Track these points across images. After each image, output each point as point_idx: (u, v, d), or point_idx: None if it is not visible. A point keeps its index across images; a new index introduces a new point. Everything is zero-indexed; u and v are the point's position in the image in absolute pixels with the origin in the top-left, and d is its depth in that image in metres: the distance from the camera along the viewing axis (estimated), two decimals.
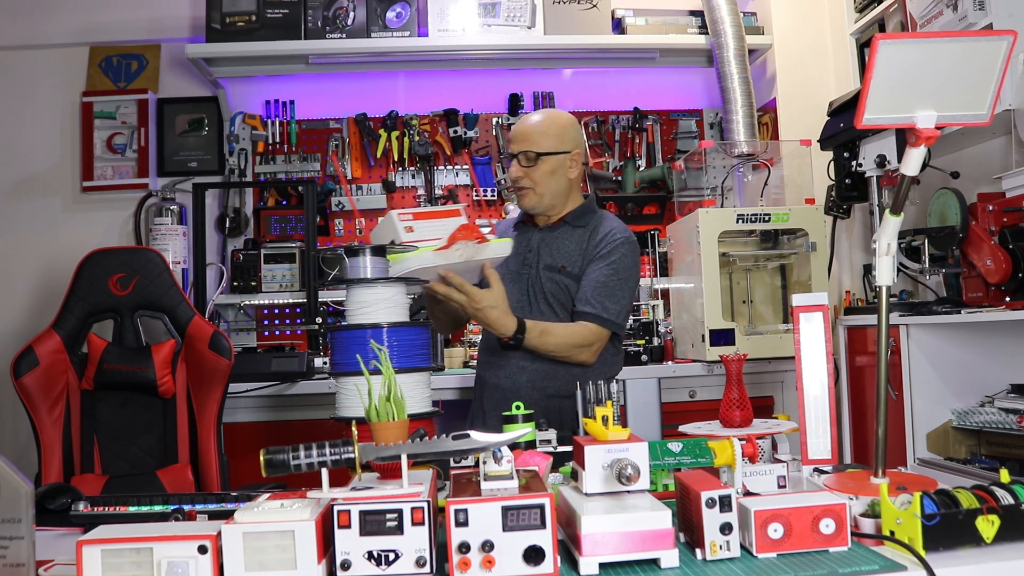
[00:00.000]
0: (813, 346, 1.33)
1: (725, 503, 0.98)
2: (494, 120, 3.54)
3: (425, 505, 0.92)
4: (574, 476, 1.14)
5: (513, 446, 1.11)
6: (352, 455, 1.04)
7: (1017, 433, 2.08)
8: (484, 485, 0.99)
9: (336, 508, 0.92)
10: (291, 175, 3.47)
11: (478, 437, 1.06)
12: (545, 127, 2.09)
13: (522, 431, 1.22)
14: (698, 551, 0.99)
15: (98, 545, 0.90)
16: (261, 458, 1.03)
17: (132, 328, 2.21)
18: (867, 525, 1.03)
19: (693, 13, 3.36)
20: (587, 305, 2.01)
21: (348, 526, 0.92)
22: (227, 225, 3.40)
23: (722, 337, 2.75)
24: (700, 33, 3.33)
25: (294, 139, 3.48)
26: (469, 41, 3.23)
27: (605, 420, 1.06)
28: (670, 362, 2.93)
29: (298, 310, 3.32)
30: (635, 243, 2.10)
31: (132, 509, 1.29)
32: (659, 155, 3.58)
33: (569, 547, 1.01)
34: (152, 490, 2.03)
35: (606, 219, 2.15)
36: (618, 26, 3.34)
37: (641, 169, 3.54)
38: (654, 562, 0.96)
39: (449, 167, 3.52)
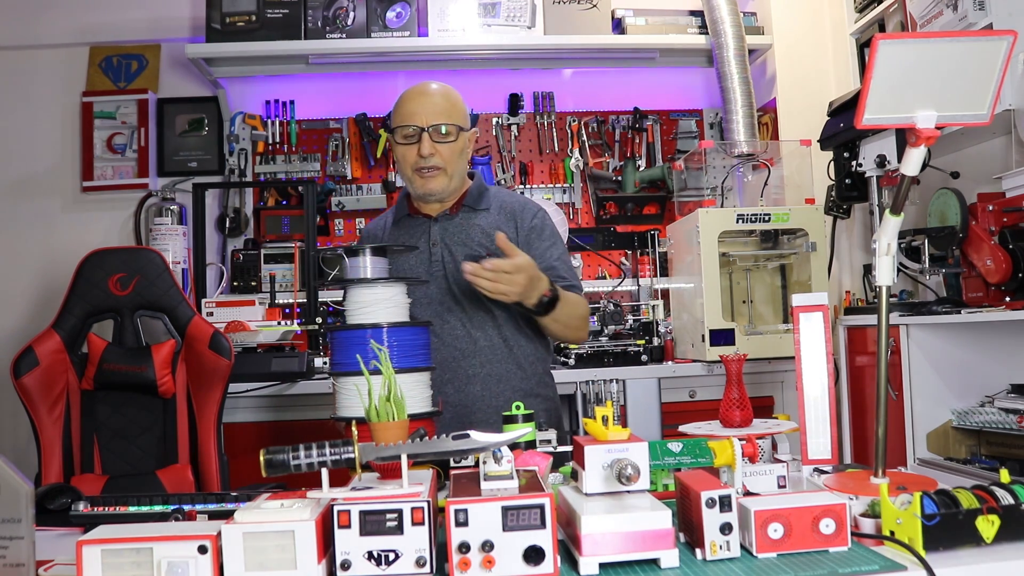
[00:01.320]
0: (813, 346, 1.33)
1: (725, 503, 0.98)
2: (494, 120, 3.54)
3: (425, 505, 0.92)
4: (574, 476, 1.14)
5: (513, 446, 1.11)
6: (352, 455, 1.04)
7: (1017, 433, 2.08)
8: (484, 485, 0.99)
9: (336, 508, 0.92)
10: (291, 175, 3.47)
11: (478, 437, 1.06)
12: (454, 100, 1.90)
13: (522, 431, 1.22)
14: (698, 551, 0.99)
15: (98, 545, 0.90)
16: (261, 458, 1.03)
17: (132, 328, 2.21)
18: (867, 525, 1.03)
19: (693, 13, 3.36)
20: (569, 280, 1.89)
21: (348, 526, 0.91)
22: (227, 225, 3.40)
23: (722, 337, 2.75)
24: (700, 33, 3.33)
25: (294, 139, 3.48)
26: (469, 41, 3.23)
27: (605, 420, 1.06)
28: (670, 362, 2.93)
29: (298, 310, 3.32)
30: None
31: (132, 509, 1.29)
32: (659, 155, 3.58)
33: (569, 547, 1.01)
34: (152, 490, 2.03)
35: (501, 192, 2.04)
36: (618, 26, 3.34)
37: (641, 169, 3.54)
38: (654, 562, 0.96)
39: None
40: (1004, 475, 1.06)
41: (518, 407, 1.45)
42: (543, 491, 0.94)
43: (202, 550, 0.90)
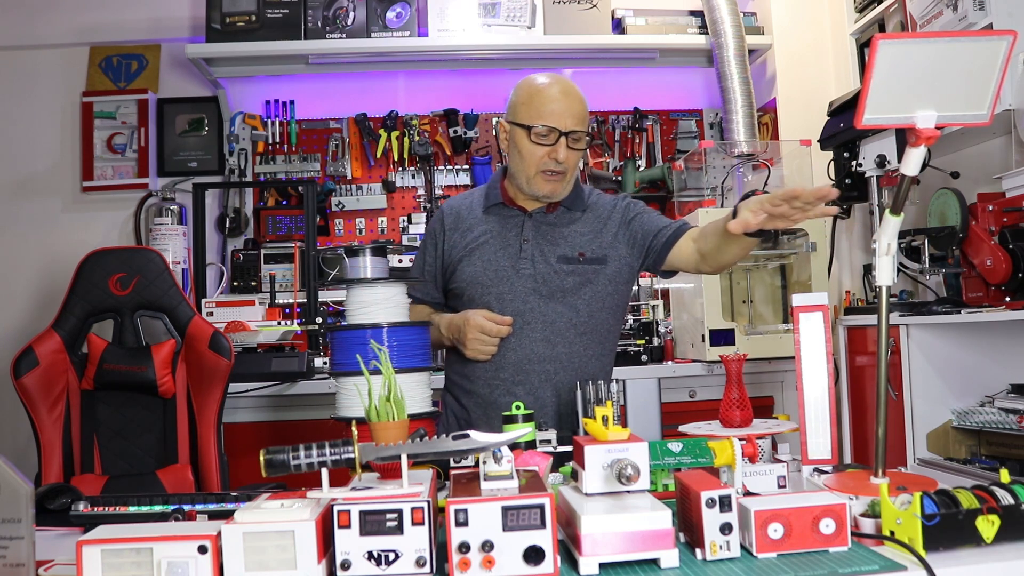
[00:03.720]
0: (813, 346, 1.33)
1: (725, 503, 0.98)
2: (494, 120, 3.54)
3: (425, 505, 0.92)
4: (574, 476, 1.14)
5: (513, 446, 1.11)
6: (352, 455, 1.04)
7: (1017, 433, 2.07)
8: (484, 485, 0.99)
9: (336, 508, 0.92)
10: (291, 175, 3.47)
11: (478, 437, 1.06)
12: (585, 105, 1.85)
13: (522, 431, 1.22)
14: (698, 551, 0.99)
15: (98, 545, 0.90)
16: (261, 458, 1.03)
17: (132, 328, 2.21)
18: (867, 525, 1.03)
19: (693, 13, 3.36)
20: (676, 224, 1.87)
21: (348, 526, 0.92)
22: (227, 225, 3.40)
23: (722, 337, 2.75)
24: (700, 33, 3.33)
25: (294, 139, 3.48)
26: (469, 41, 3.23)
27: (605, 420, 1.06)
28: (670, 362, 2.93)
29: (298, 310, 3.32)
30: None
31: (132, 509, 1.29)
32: (659, 155, 3.58)
33: (569, 547, 1.01)
34: (152, 490, 2.03)
35: (594, 192, 1.99)
36: (618, 26, 3.34)
37: (641, 169, 3.54)
38: (654, 562, 0.96)
39: (449, 167, 3.52)
40: (1004, 475, 1.06)
41: (518, 407, 1.45)
42: (543, 491, 0.94)
43: (202, 550, 0.90)
